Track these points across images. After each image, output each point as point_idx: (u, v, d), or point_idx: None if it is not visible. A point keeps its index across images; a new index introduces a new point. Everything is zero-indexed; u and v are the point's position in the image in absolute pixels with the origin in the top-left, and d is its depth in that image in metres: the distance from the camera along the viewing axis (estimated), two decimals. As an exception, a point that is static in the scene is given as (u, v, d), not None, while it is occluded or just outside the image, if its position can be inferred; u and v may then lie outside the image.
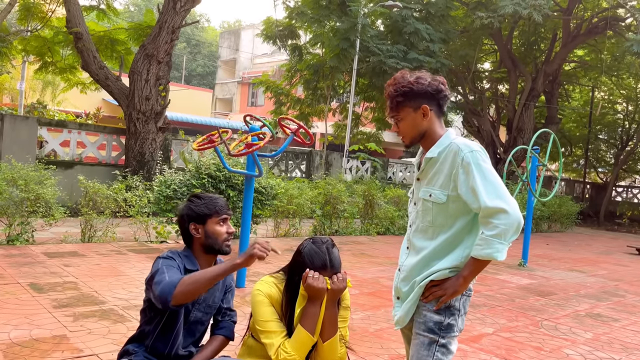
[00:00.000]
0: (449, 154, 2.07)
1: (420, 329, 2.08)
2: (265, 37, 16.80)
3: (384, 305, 5.18)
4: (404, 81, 2.10)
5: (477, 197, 1.96)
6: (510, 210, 1.93)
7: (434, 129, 2.13)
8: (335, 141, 18.44)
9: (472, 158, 2.01)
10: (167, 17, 10.39)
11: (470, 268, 2.02)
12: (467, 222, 2.08)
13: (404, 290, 2.16)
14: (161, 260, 2.23)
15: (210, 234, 2.29)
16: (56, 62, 12.92)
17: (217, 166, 7.72)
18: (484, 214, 1.96)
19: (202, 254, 2.33)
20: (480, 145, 2.09)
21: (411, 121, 2.12)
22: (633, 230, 18.49)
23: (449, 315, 2.05)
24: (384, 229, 11.13)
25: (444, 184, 2.07)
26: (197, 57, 45.54)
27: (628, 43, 13.68)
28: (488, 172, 2.00)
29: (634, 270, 9.18)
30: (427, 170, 2.14)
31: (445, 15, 15.51)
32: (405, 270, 2.16)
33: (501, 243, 1.94)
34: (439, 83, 2.12)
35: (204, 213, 2.29)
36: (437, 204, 2.09)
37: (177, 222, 2.43)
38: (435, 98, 2.11)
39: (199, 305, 2.35)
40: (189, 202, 2.36)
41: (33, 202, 6.76)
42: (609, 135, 23.44)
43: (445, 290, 2.03)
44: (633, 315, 5.72)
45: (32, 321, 3.85)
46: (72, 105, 20.79)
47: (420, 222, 2.15)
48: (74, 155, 10.63)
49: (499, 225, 1.93)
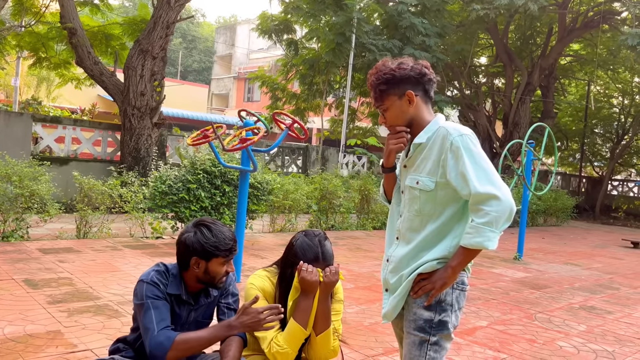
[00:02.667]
0: (437, 138, 1.97)
1: (411, 328, 2.00)
2: (261, 32, 16.74)
3: (379, 299, 5.19)
4: (386, 68, 2.02)
5: (467, 182, 1.87)
6: (502, 196, 1.84)
7: (422, 115, 2.04)
8: (331, 136, 18.42)
9: (461, 142, 1.91)
10: (162, 12, 10.34)
11: (459, 258, 1.92)
12: (456, 210, 1.99)
13: (392, 282, 2.09)
14: (146, 288, 2.12)
15: (210, 272, 2.17)
16: (50, 58, 12.86)
17: (212, 162, 7.70)
18: (475, 201, 1.87)
19: (194, 281, 2.22)
20: (470, 129, 2.00)
21: (397, 109, 2.03)
22: (628, 223, 18.56)
23: (440, 312, 1.96)
24: (380, 224, 11.15)
25: (432, 170, 1.98)
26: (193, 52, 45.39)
27: (623, 37, 13.68)
28: (478, 157, 1.91)
29: (628, 263, 9.22)
30: (415, 157, 2.05)
31: (441, 10, 15.47)
32: (394, 262, 2.09)
33: (492, 231, 1.84)
34: (422, 67, 2.02)
35: (212, 253, 2.14)
36: (425, 191, 1.99)
37: (178, 244, 2.22)
38: (420, 82, 2.02)
39: (188, 325, 2.26)
40: (198, 232, 2.16)
41: (28, 198, 6.74)
42: (604, 129, 23.48)
43: (434, 283, 1.94)
44: (627, 307, 5.76)
45: (26, 317, 3.85)
46: (67, 101, 20.71)
47: (407, 212, 2.06)
48: (69, 152, 10.60)
49: (490, 212, 1.83)
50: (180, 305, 2.22)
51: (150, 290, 2.12)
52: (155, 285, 2.14)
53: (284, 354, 2.19)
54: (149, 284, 2.13)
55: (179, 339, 2.01)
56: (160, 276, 2.18)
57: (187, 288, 2.23)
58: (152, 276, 2.17)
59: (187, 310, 2.24)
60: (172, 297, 2.18)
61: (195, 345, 2.03)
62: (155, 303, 2.10)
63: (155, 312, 2.07)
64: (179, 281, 2.21)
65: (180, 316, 2.22)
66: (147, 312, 2.08)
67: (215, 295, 2.31)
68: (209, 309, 2.34)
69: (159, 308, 2.09)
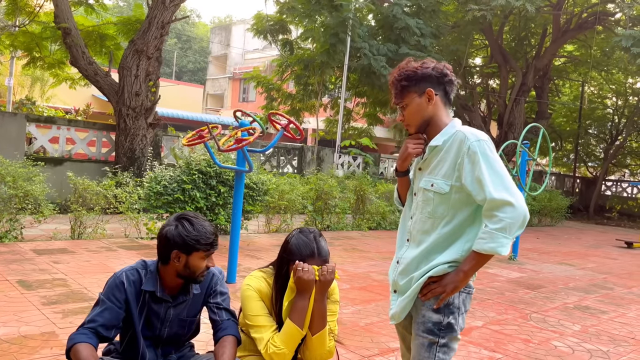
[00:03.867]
0: (454, 142, 1.99)
1: (420, 330, 2.01)
2: (256, 32, 16.73)
3: (374, 300, 5.20)
4: (408, 66, 2.05)
5: (483, 188, 1.89)
6: (517, 203, 1.86)
7: (440, 116, 2.05)
8: (326, 137, 18.42)
9: (479, 147, 1.93)
10: (157, 12, 10.32)
11: (472, 262, 1.94)
12: (469, 213, 2.00)
13: (401, 283, 2.09)
14: (111, 283, 2.13)
15: (190, 266, 2.14)
16: (44, 58, 12.79)
17: (207, 162, 7.69)
18: (489, 206, 1.88)
19: (173, 276, 2.19)
20: (486, 135, 2.00)
21: (416, 107, 2.04)
22: (622, 223, 18.66)
23: (448, 314, 1.98)
24: (376, 224, 11.16)
25: (448, 173, 1.99)
26: (188, 52, 45.30)
27: (617, 38, 13.75)
28: (495, 163, 1.92)
29: (622, 263, 9.27)
30: (431, 159, 2.05)
31: (436, 10, 15.53)
32: (404, 263, 2.09)
33: (505, 237, 1.86)
34: (443, 67, 2.05)
35: (192, 246, 2.12)
36: (439, 194, 2.00)
37: (159, 237, 2.19)
38: (441, 82, 2.04)
39: (169, 322, 2.24)
40: (179, 226, 2.14)
41: (22, 199, 6.71)
42: (598, 129, 23.60)
43: (445, 287, 1.95)
44: (621, 307, 5.79)
45: (20, 318, 3.83)
46: (62, 101, 20.62)
47: (420, 214, 2.07)
48: (63, 152, 10.55)
49: (504, 219, 1.85)
50: (157, 302, 2.21)
51: (111, 289, 2.13)
52: (119, 286, 2.13)
53: (280, 354, 2.18)
54: (114, 283, 2.14)
55: (73, 349, 1.98)
56: (133, 274, 2.18)
57: (165, 285, 2.22)
58: (123, 275, 2.16)
59: (165, 307, 2.22)
60: (147, 293, 2.18)
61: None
62: (106, 303, 2.10)
63: (98, 310, 2.08)
64: (156, 278, 2.20)
65: (158, 313, 2.21)
66: (95, 306, 2.11)
67: (195, 293, 2.29)
68: (192, 308, 2.31)
69: (103, 309, 2.08)
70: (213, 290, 2.33)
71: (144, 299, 2.18)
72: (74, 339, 2.01)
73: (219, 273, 2.38)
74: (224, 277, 2.44)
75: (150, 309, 2.19)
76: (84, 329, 2.05)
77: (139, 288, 2.16)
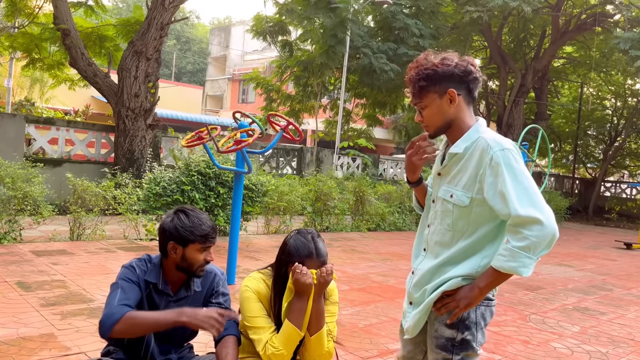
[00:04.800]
0: (475, 150, 1.82)
1: (433, 345, 1.91)
2: (256, 33, 16.75)
3: (373, 301, 5.20)
4: (428, 63, 1.84)
5: (507, 203, 1.71)
6: (546, 220, 1.68)
7: (463, 118, 1.87)
8: (326, 138, 18.44)
9: (502, 157, 1.75)
10: (156, 14, 10.32)
11: (489, 279, 1.78)
12: (490, 229, 1.84)
13: (416, 296, 1.98)
14: (122, 271, 2.16)
15: (187, 258, 2.17)
16: (44, 59, 12.80)
17: (206, 163, 7.69)
18: (514, 222, 1.71)
19: (173, 269, 2.23)
20: (512, 143, 1.83)
21: (437, 108, 1.86)
22: (621, 225, 18.67)
23: (463, 330, 1.85)
24: (375, 225, 11.16)
25: (468, 184, 1.83)
26: (187, 54, 45.33)
27: (615, 40, 13.78)
28: (521, 175, 1.74)
29: (621, 264, 9.28)
30: (450, 167, 1.90)
31: (435, 12, 15.56)
32: (419, 274, 1.97)
33: (529, 257, 1.69)
34: (467, 63, 1.85)
35: (187, 237, 2.15)
36: (459, 206, 1.85)
37: (158, 230, 2.26)
38: (464, 81, 1.84)
39: None
40: (175, 218, 2.18)
41: (21, 200, 6.70)
42: (597, 131, 23.63)
43: (458, 302, 1.82)
44: (620, 308, 5.79)
45: (19, 320, 3.82)
46: (61, 102, 20.61)
47: (439, 224, 1.93)
48: (63, 153, 10.54)
49: (530, 237, 1.68)
50: (158, 294, 2.23)
51: (125, 273, 2.17)
52: (132, 269, 2.19)
53: (279, 355, 2.19)
54: (126, 268, 2.20)
55: (129, 314, 2.00)
56: (141, 263, 2.24)
57: (167, 278, 2.25)
58: (131, 262, 2.23)
59: (165, 301, 2.24)
60: (149, 284, 2.21)
61: (142, 322, 2.00)
62: (125, 284, 2.13)
63: (121, 292, 2.10)
64: (158, 270, 2.25)
65: (158, 306, 2.23)
66: (115, 290, 2.12)
67: (197, 290, 2.30)
68: (193, 305, 2.29)
69: (126, 289, 2.11)
70: (215, 291, 2.35)
71: (148, 290, 2.22)
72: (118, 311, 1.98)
73: (221, 274, 2.41)
74: (226, 279, 2.46)
75: (151, 301, 2.22)
76: (119, 306, 2.03)
77: (143, 278, 2.21)
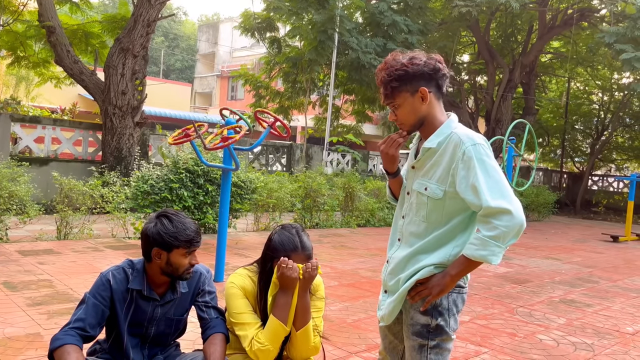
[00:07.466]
0: (449, 145, 1.90)
1: (410, 332, 1.98)
2: (244, 30, 16.65)
3: (362, 297, 5.22)
4: (397, 64, 1.92)
5: (479, 195, 1.80)
6: (515, 211, 1.78)
7: (434, 114, 1.96)
8: (315, 134, 18.42)
9: (474, 152, 1.84)
10: (142, 10, 10.24)
11: (460, 267, 1.87)
12: (462, 219, 1.94)
13: (390, 284, 2.05)
14: (97, 282, 2.13)
15: (172, 263, 2.14)
16: (29, 57, 12.65)
17: (195, 161, 7.66)
18: (485, 213, 1.81)
19: (158, 274, 2.20)
20: (483, 138, 1.92)
21: (409, 107, 1.94)
22: (608, 218, 18.88)
23: (437, 316, 1.93)
24: (364, 221, 11.19)
25: (442, 178, 1.92)
26: (175, 51, 45.03)
27: (600, 34, 13.90)
28: (491, 169, 1.84)
29: (607, 257, 9.39)
30: (424, 161, 1.98)
31: (423, 7, 15.57)
32: (393, 263, 2.05)
33: (498, 246, 1.79)
34: (435, 61, 1.93)
35: (171, 243, 2.12)
36: (433, 199, 1.93)
37: (141, 235, 2.21)
38: (434, 78, 1.93)
39: (157, 321, 2.24)
40: (158, 223, 2.14)
41: (6, 199, 6.63)
42: (584, 125, 23.84)
43: (431, 289, 1.90)
44: (605, 300, 5.86)
45: (5, 320, 3.79)
46: (47, 100, 20.40)
47: (414, 216, 2.01)
48: (49, 152, 10.44)
49: (499, 226, 1.78)
50: (144, 300, 2.21)
51: (97, 288, 2.13)
52: (107, 283, 2.14)
53: (265, 351, 2.19)
54: (100, 282, 2.15)
55: (65, 348, 1.96)
56: (119, 272, 2.18)
57: (151, 283, 2.22)
58: (110, 274, 2.17)
59: (152, 306, 2.22)
60: (134, 292, 2.18)
61: None
62: (91, 302, 2.10)
63: (84, 309, 2.08)
64: (142, 276, 2.21)
65: (145, 311, 2.21)
66: (80, 305, 2.10)
67: (183, 292, 2.29)
68: (180, 307, 2.31)
69: (89, 308, 2.08)
70: (201, 290, 2.33)
71: (132, 297, 2.18)
72: (61, 339, 1.99)
73: (206, 272, 2.39)
74: (211, 277, 2.45)
75: (137, 308, 2.19)
76: (70, 330, 2.03)
77: (125, 286, 2.16)
